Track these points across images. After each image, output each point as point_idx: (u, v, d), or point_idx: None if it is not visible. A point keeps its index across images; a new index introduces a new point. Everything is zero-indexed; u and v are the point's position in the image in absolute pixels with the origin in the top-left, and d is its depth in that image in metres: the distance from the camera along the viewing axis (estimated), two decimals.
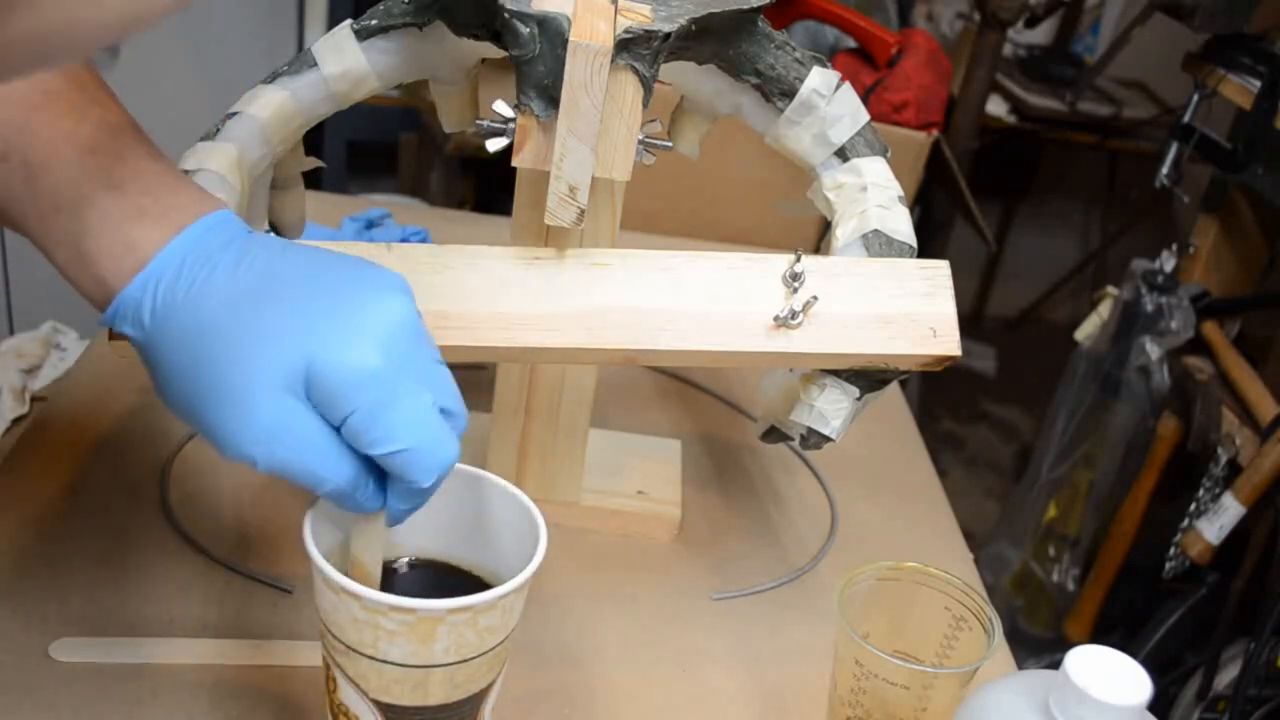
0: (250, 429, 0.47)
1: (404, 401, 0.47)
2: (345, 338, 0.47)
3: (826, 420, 0.68)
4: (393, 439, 0.47)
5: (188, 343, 0.47)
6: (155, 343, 0.48)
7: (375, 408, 0.47)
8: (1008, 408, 2.68)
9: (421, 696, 0.52)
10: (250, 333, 0.47)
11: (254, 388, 0.46)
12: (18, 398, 1.36)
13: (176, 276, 0.47)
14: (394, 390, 0.47)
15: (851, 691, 0.61)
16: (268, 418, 0.46)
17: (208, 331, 0.47)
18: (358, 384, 0.46)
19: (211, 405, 0.47)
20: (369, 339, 0.47)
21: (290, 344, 0.46)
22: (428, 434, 0.48)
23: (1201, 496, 1.42)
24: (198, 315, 0.47)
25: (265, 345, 0.46)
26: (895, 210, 0.68)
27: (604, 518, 0.80)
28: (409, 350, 0.48)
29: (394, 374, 0.47)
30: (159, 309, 0.47)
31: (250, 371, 0.46)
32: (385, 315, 0.48)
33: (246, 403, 0.46)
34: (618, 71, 0.60)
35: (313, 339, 0.46)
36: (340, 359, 0.46)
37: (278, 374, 0.46)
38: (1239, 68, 1.43)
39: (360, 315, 0.48)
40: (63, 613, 0.66)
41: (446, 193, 1.93)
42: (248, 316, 0.47)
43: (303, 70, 0.67)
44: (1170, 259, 1.52)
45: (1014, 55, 2.44)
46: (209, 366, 0.47)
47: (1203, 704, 1.37)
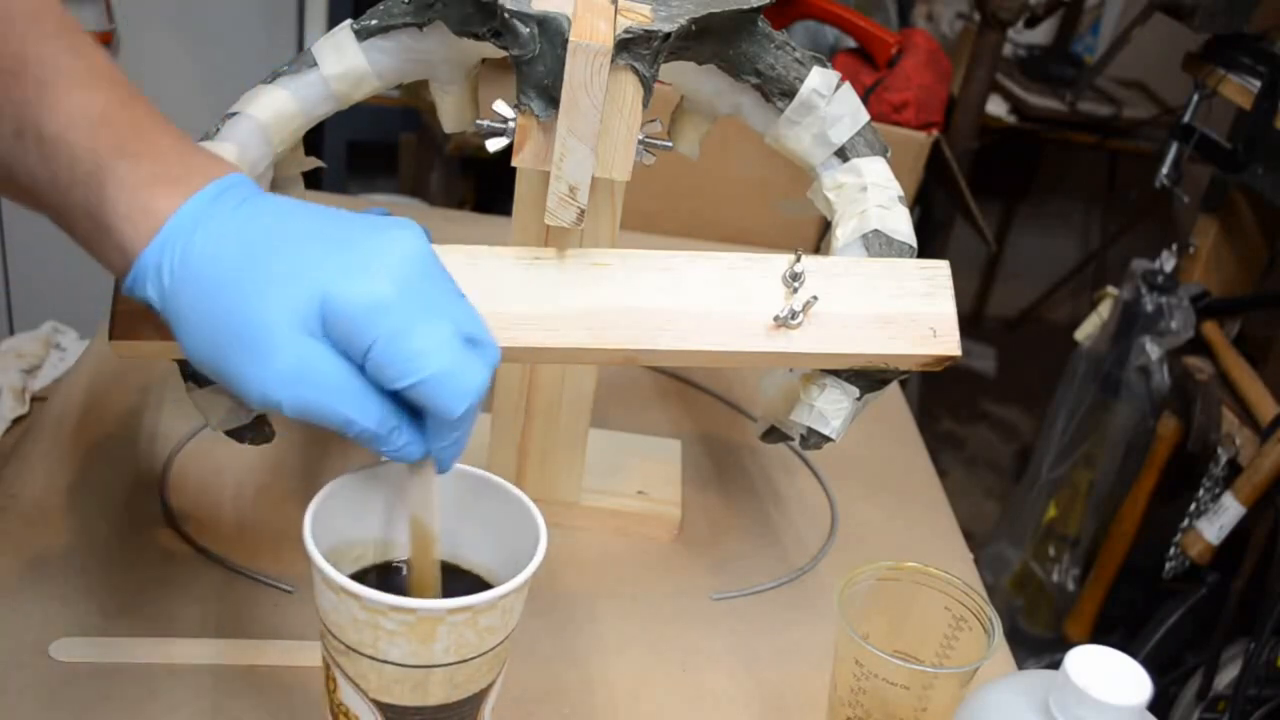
0: (273, 373, 0.47)
1: (421, 329, 0.47)
2: (356, 270, 0.47)
3: (826, 420, 0.68)
4: (414, 368, 0.47)
5: (206, 296, 0.48)
6: (175, 300, 0.48)
7: (393, 336, 0.47)
8: (1008, 408, 2.68)
9: (421, 696, 0.52)
10: (264, 278, 0.47)
11: (272, 331, 0.47)
12: (18, 398, 1.36)
13: (192, 234, 0.48)
14: (410, 318, 0.47)
15: (851, 691, 0.61)
16: (289, 360, 0.47)
17: (224, 283, 0.47)
18: (372, 313, 0.46)
19: (233, 354, 0.47)
20: (380, 269, 0.47)
21: (303, 283, 0.47)
22: (449, 359, 0.47)
23: (1201, 496, 1.42)
24: (214, 268, 0.47)
25: (279, 288, 0.47)
26: (895, 210, 0.68)
27: (604, 518, 0.80)
28: (423, 281, 0.48)
29: (408, 302, 0.47)
30: (177, 267, 0.48)
31: (267, 315, 0.47)
32: (396, 248, 0.48)
33: (266, 347, 0.47)
34: (618, 71, 0.60)
35: (324, 275, 0.47)
36: (352, 290, 0.46)
37: (294, 314, 0.47)
38: (1239, 68, 1.43)
39: (370, 249, 0.48)
40: (63, 613, 0.66)
41: (446, 193, 1.93)
42: (261, 263, 0.47)
43: (303, 70, 0.67)
44: (1170, 259, 1.52)
45: (1014, 55, 2.44)
46: (227, 316, 0.47)
47: (1203, 704, 1.37)
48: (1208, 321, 1.52)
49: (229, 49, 2.00)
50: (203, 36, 1.98)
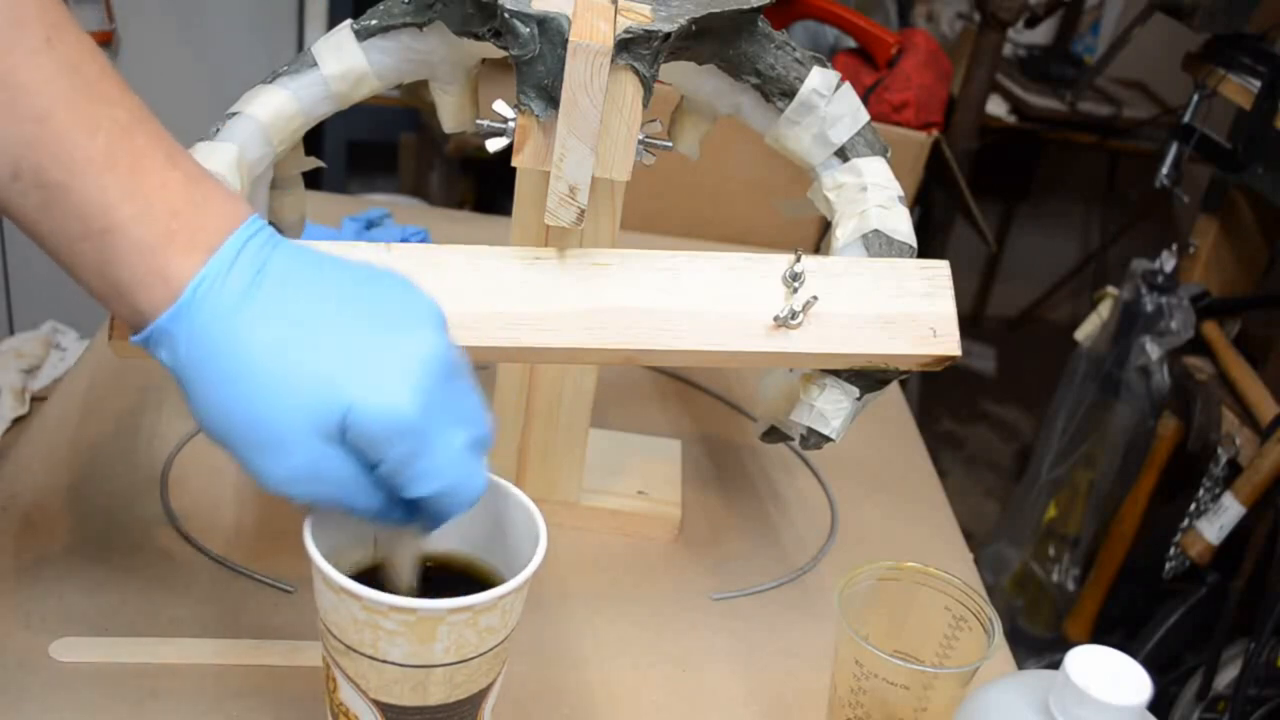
0: (285, 470, 0.47)
1: (436, 447, 0.48)
2: (379, 385, 0.47)
3: (826, 420, 0.68)
4: (426, 484, 0.49)
5: (223, 380, 0.47)
6: (190, 374, 0.48)
7: (409, 456, 0.48)
8: (1008, 408, 2.68)
9: (421, 696, 0.52)
10: (285, 380, 0.47)
11: (290, 436, 0.47)
12: (18, 398, 1.36)
13: (208, 307, 0.47)
14: (427, 437, 0.48)
15: (851, 691, 0.61)
16: (303, 463, 0.47)
17: (241, 373, 0.47)
18: (393, 435, 0.47)
19: (249, 445, 0.48)
20: (403, 386, 0.47)
21: (326, 392, 0.47)
22: (458, 474, 0.49)
23: (1201, 496, 1.42)
24: (233, 353, 0.47)
25: (299, 394, 0.47)
26: (895, 210, 0.68)
27: (604, 518, 0.80)
28: (442, 390, 0.48)
29: (427, 421, 0.48)
30: (194, 342, 0.47)
31: (286, 420, 0.47)
32: (418, 356, 0.48)
33: (283, 449, 0.47)
34: (618, 71, 0.60)
35: (347, 388, 0.47)
36: (376, 410, 0.47)
37: (313, 422, 0.47)
38: (1239, 68, 1.43)
39: (394, 358, 0.48)
40: (63, 613, 0.66)
41: (446, 193, 1.93)
42: (282, 360, 0.47)
43: (303, 70, 0.67)
44: (1170, 259, 1.52)
45: (1014, 55, 2.44)
46: (245, 407, 0.47)
47: (1203, 704, 1.37)
48: (1208, 321, 1.52)
49: (229, 49, 2.00)
50: (203, 36, 1.98)
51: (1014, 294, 2.81)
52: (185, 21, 1.96)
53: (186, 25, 1.97)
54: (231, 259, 0.47)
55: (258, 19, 2.00)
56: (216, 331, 0.47)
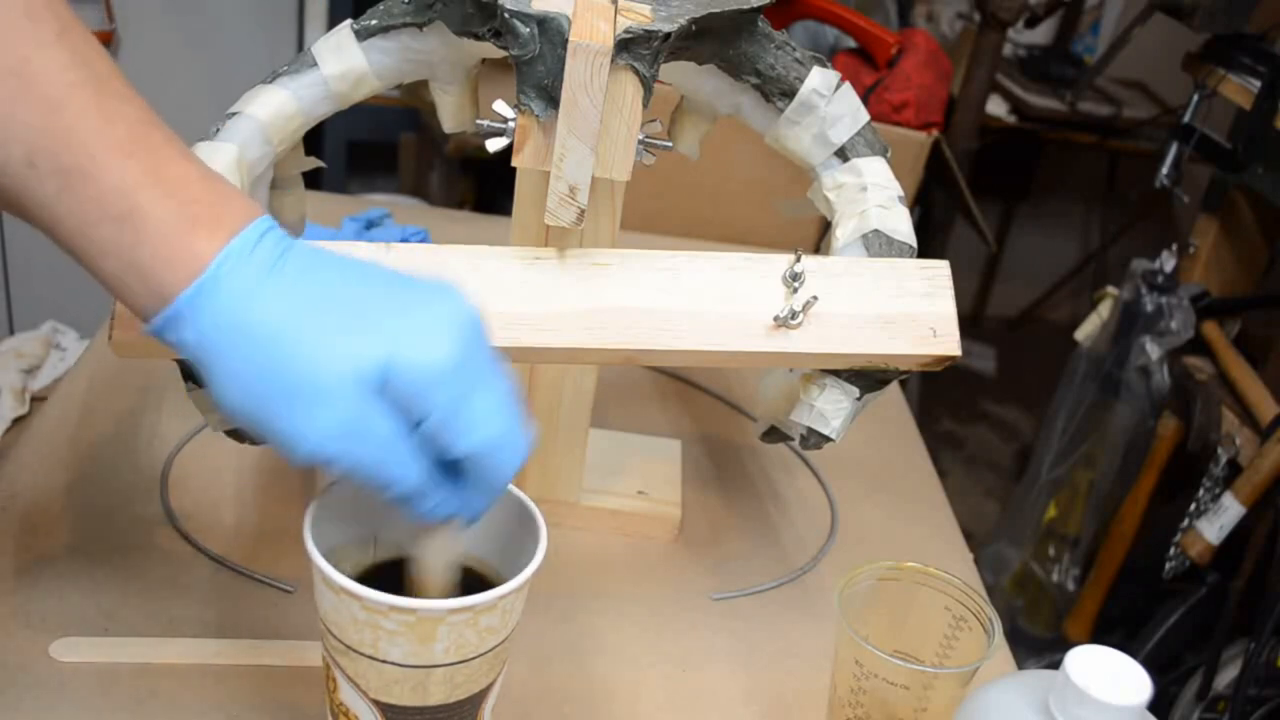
0: (325, 426, 0.46)
1: (479, 395, 0.48)
2: (422, 334, 0.47)
3: (826, 420, 0.68)
4: (473, 434, 0.47)
5: (254, 347, 0.46)
6: (217, 348, 0.47)
7: (455, 402, 0.47)
8: (1008, 408, 2.68)
9: (421, 696, 0.52)
10: (322, 332, 0.46)
11: (331, 385, 0.46)
12: (18, 398, 1.36)
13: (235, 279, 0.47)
14: (469, 386, 0.47)
15: (851, 691, 0.61)
16: (346, 414, 0.46)
17: (277, 335, 0.46)
18: (437, 379, 0.46)
19: (283, 407, 0.46)
20: (442, 335, 0.47)
21: (366, 341, 0.46)
22: (504, 424, 0.48)
23: (1201, 496, 1.42)
24: (265, 319, 0.46)
25: (340, 343, 0.46)
26: (895, 210, 0.68)
27: (604, 518, 0.80)
28: (477, 348, 0.48)
29: (467, 369, 0.47)
30: (220, 315, 0.47)
31: (328, 367, 0.46)
32: (453, 313, 0.48)
33: (323, 401, 0.46)
34: (618, 71, 0.60)
35: (388, 337, 0.46)
36: (418, 356, 0.46)
37: (356, 370, 0.46)
38: (1239, 68, 1.43)
39: (431, 313, 0.48)
40: (63, 613, 0.66)
41: (446, 193, 1.93)
42: (318, 317, 0.47)
43: (303, 70, 0.67)
44: (1170, 259, 1.52)
45: (1014, 55, 2.44)
46: (281, 367, 0.46)
47: (1203, 704, 1.37)
48: (1208, 321, 1.52)
49: (229, 49, 2.00)
50: (203, 36, 1.98)
51: (1014, 294, 2.81)
52: (185, 21, 1.96)
53: (186, 25, 1.97)
54: (255, 240, 0.48)
55: (258, 19, 2.00)
56: (245, 302, 0.47)
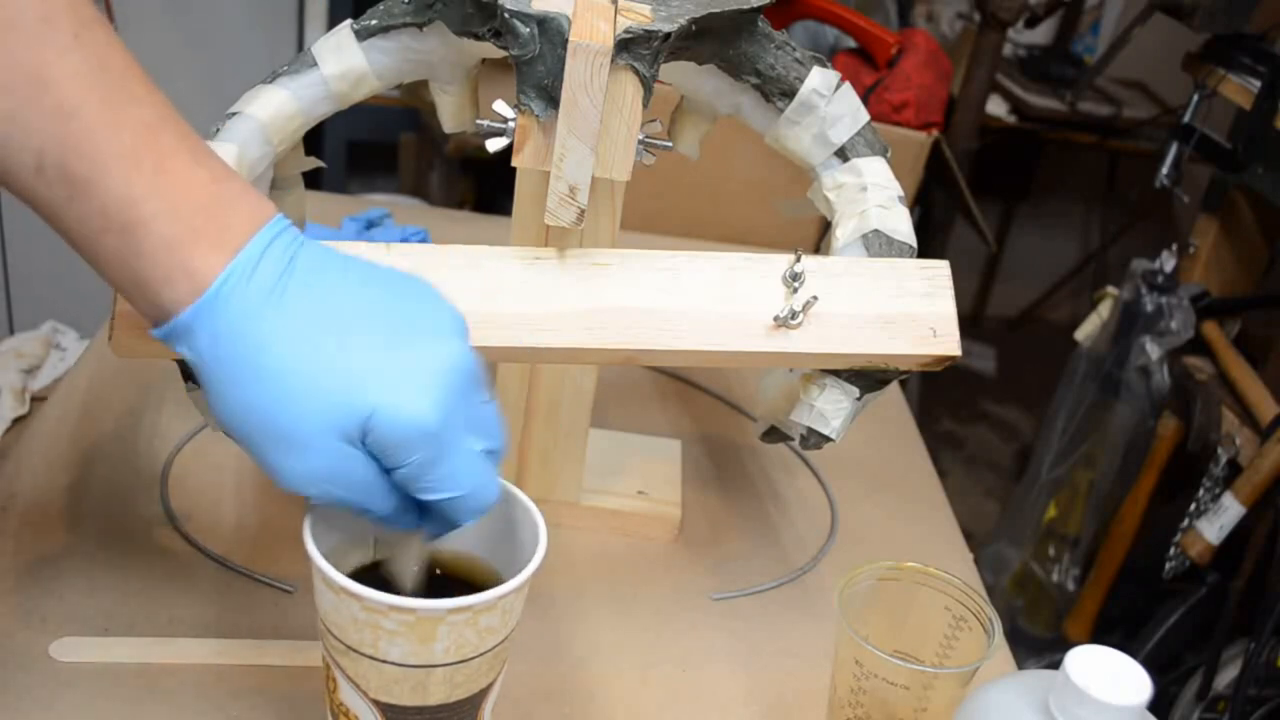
0: (305, 470, 0.48)
1: (454, 454, 0.49)
2: (402, 393, 0.47)
3: (826, 420, 0.68)
4: (442, 489, 0.50)
5: (244, 379, 0.47)
6: (211, 370, 0.48)
7: (428, 463, 0.48)
8: (1008, 408, 2.68)
9: (421, 696, 0.52)
10: (307, 381, 0.47)
11: (310, 436, 0.47)
12: (18, 398, 1.36)
13: (232, 305, 0.47)
14: (445, 445, 0.49)
15: (851, 691, 0.61)
16: (323, 464, 0.48)
17: (264, 372, 0.47)
18: (413, 441, 0.48)
19: (266, 442, 0.48)
20: (425, 395, 0.48)
21: (348, 397, 0.47)
22: (473, 482, 0.50)
23: (1201, 496, 1.42)
24: (255, 352, 0.47)
25: (323, 396, 0.47)
26: (895, 210, 0.68)
27: (604, 518, 0.80)
28: (462, 401, 0.49)
29: (446, 429, 0.48)
30: (217, 339, 0.47)
31: (308, 421, 0.47)
32: (441, 365, 0.49)
33: (301, 448, 0.47)
34: (618, 71, 0.60)
35: (370, 393, 0.47)
36: (398, 416, 0.47)
37: (335, 424, 0.47)
38: (1239, 68, 1.43)
39: (417, 366, 0.48)
40: (63, 613, 0.66)
41: (446, 193, 1.93)
42: (304, 362, 0.47)
43: (303, 70, 0.67)
44: (1170, 259, 1.52)
45: (1014, 55, 2.44)
46: (265, 406, 0.47)
47: (1203, 704, 1.37)
48: (1208, 321, 1.52)
49: (229, 49, 2.00)
50: (203, 36, 1.98)
51: (1014, 294, 2.81)
52: (185, 21, 1.96)
53: (186, 25, 1.97)
54: (257, 257, 0.47)
55: (258, 19, 2.00)
56: (241, 330, 0.47)
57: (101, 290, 0.59)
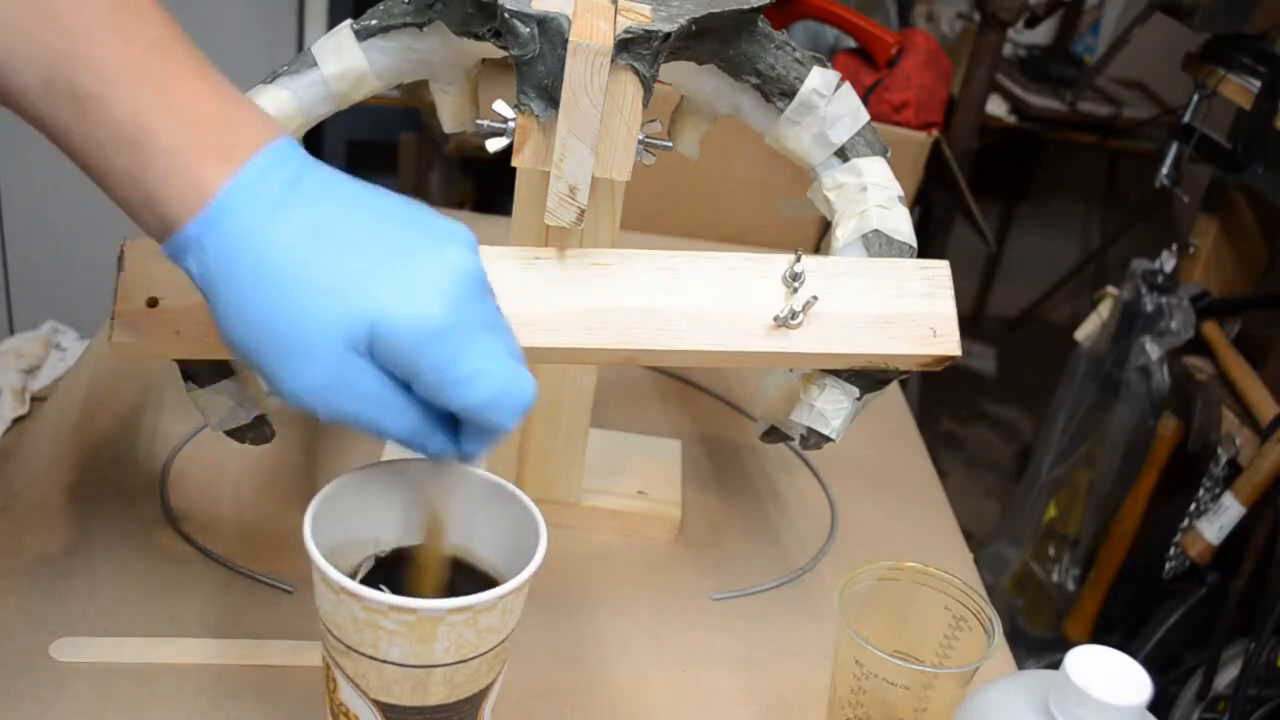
0: (309, 381, 0.46)
1: (474, 352, 0.47)
2: (408, 294, 0.46)
3: (826, 420, 0.68)
4: (469, 391, 0.47)
5: (248, 287, 0.46)
6: (215, 282, 0.47)
7: (445, 363, 0.46)
8: (1008, 408, 2.68)
9: (421, 696, 0.52)
10: (311, 286, 0.46)
11: (313, 343, 0.46)
12: (18, 398, 1.36)
13: (239, 215, 0.46)
14: (461, 342, 0.47)
15: (851, 692, 0.61)
16: (328, 372, 0.46)
17: (268, 279, 0.46)
18: (424, 341, 0.46)
19: (270, 353, 0.47)
20: (432, 294, 0.46)
21: (352, 301, 0.46)
22: (504, 376, 0.48)
23: (1201, 496, 1.42)
24: (259, 259, 0.46)
25: (326, 300, 0.46)
26: (895, 210, 0.68)
27: (604, 518, 0.80)
28: (473, 301, 0.48)
29: (460, 326, 0.47)
30: (223, 250, 0.46)
31: (309, 326, 0.46)
32: (449, 268, 0.47)
33: (305, 356, 0.46)
34: (618, 71, 0.60)
35: (374, 296, 0.46)
36: (404, 317, 0.46)
37: (338, 331, 0.46)
38: (1239, 68, 1.43)
39: (423, 269, 0.47)
40: (63, 613, 0.66)
41: (446, 193, 1.93)
42: (309, 267, 0.46)
43: (303, 70, 0.67)
44: (1170, 259, 1.52)
45: (1014, 55, 2.44)
46: (268, 315, 0.46)
47: (1203, 704, 1.37)
48: (1208, 321, 1.52)
49: (229, 49, 1.99)
50: (202, 36, 1.96)
51: (1014, 294, 2.81)
52: (185, 21, 1.94)
53: (186, 25, 1.95)
54: (264, 171, 0.47)
55: (258, 19, 2.00)
56: (245, 238, 0.46)
57: (101, 290, 0.59)
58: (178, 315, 0.59)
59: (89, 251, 1.86)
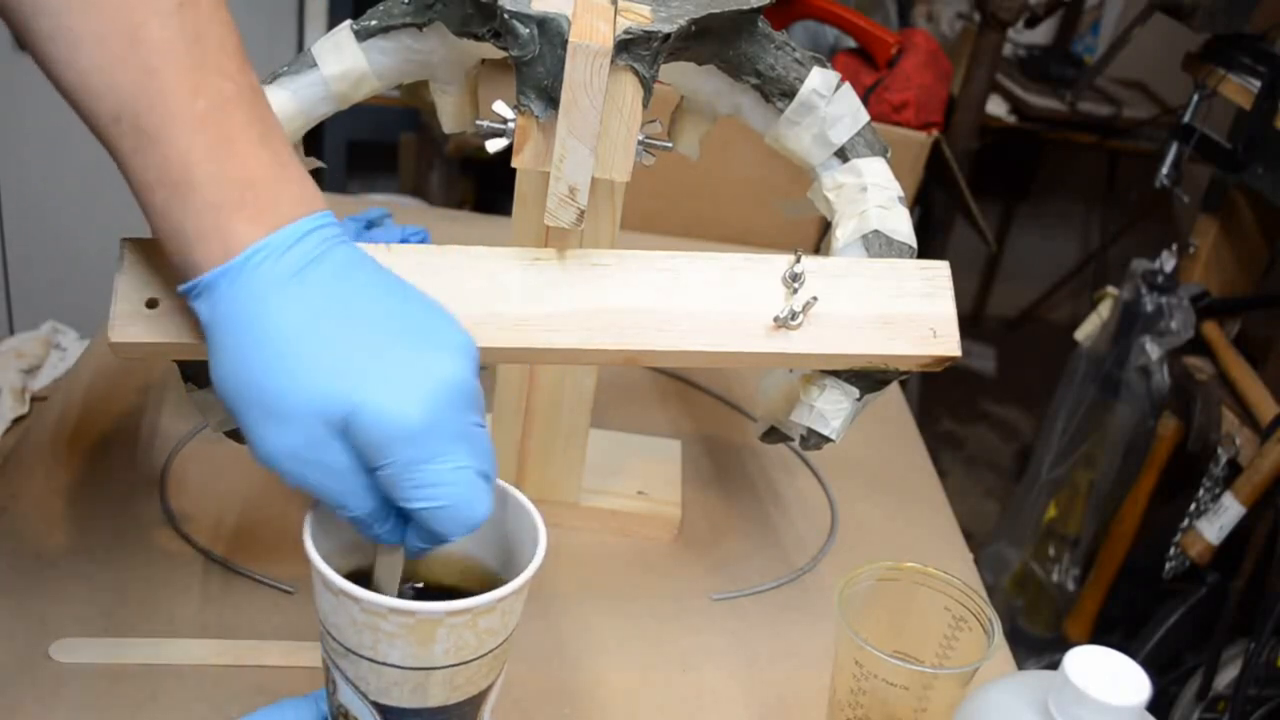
0: (282, 445, 0.48)
1: (439, 462, 0.48)
2: (391, 390, 0.47)
3: (826, 421, 0.68)
4: (424, 496, 0.49)
5: (247, 343, 0.48)
6: (219, 331, 0.49)
7: (411, 464, 0.48)
8: (1008, 408, 2.68)
9: (421, 698, 0.52)
10: (303, 358, 0.47)
11: (293, 410, 0.47)
12: (18, 398, 1.36)
13: (257, 274, 0.48)
14: (431, 451, 0.48)
15: (851, 692, 0.61)
16: (300, 442, 0.48)
17: (267, 341, 0.48)
18: (395, 439, 0.47)
19: (253, 410, 0.48)
20: (414, 396, 0.47)
21: (338, 383, 0.47)
22: (458, 494, 0.49)
23: (1201, 496, 1.42)
24: (264, 321, 0.48)
25: (314, 375, 0.47)
26: (895, 210, 0.68)
27: (604, 518, 0.80)
28: (453, 411, 0.49)
29: (433, 432, 0.48)
30: (234, 301, 0.48)
31: (292, 395, 0.47)
32: (438, 373, 0.48)
33: (282, 421, 0.47)
34: (617, 72, 0.60)
35: (359, 384, 0.47)
36: (381, 411, 0.47)
37: (319, 406, 0.47)
38: (1239, 68, 1.43)
39: (413, 369, 0.48)
40: (63, 613, 0.66)
41: (446, 193, 1.92)
42: (306, 341, 0.48)
43: (303, 70, 0.67)
44: (1170, 259, 1.52)
45: (1014, 55, 2.44)
46: (258, 374, 0.48)
47: (1203, 704, 1.37)
48: (1208, 321, 1.52)
49: None
50: None
51: (1014, 294, 2.81)
52: None
53: None
54: (293, 240, 0.49)
55: (258, 19, 2.00)
56: (257, 297, 0.48)
57: (102, 290, 0.59)
58: (177, 316, 0.59)
59: (89, 251, 1.86)
